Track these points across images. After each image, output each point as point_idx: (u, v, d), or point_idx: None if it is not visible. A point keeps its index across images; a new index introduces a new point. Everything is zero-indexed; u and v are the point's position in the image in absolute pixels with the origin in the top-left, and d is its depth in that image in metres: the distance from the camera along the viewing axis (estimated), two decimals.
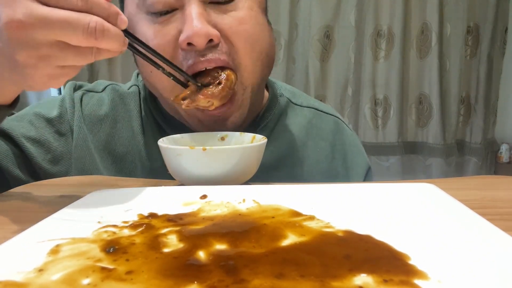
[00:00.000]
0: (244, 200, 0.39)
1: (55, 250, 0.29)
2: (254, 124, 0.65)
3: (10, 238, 0.30)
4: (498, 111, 2.43)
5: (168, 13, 0.52)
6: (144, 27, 0.54)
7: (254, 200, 0.39)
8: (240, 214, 0.36)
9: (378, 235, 0.30)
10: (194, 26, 0.49)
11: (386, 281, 0.23)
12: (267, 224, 0.34)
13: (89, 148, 0.61)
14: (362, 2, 2.28)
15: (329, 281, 0.23)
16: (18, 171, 0.57)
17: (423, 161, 2.44)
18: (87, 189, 0.43)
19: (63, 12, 0.34)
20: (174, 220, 0.35)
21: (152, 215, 0.36)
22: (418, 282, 0.23)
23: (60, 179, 0.56)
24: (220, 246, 0.29)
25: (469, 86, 2.39)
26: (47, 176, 0.58)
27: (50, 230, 0.32)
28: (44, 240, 0.30)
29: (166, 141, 0.51)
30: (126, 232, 0.32)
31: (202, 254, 0.28)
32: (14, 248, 0.29)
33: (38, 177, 0.58)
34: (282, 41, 2.28)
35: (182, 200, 0.40)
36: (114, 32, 0.36)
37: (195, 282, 0.24)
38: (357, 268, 0.25)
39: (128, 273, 0.25)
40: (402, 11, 2.28)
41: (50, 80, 0.38)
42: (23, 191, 0.49)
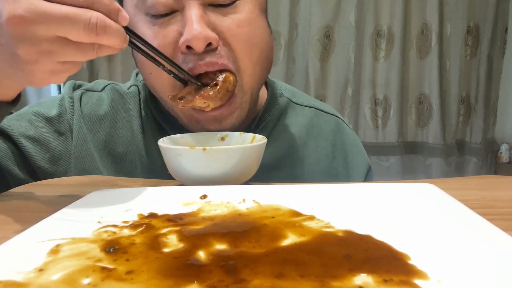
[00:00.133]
0: (244, 200, 0.39)
1: (55, 250, 0.29)
2: (254, 124, 0.65)
3: (10, 238, 0.30)
4: (498, 111, 2.43)
5: (167, 15, 0.52)
6: (143, 28, 0.54)
7: (254, 200, 0.39)
8: (240, 214, 0.36)
9: (378, 235, 0.30)
10: (194, 29, 0.49)
11: (386, 281, 0.23)
12: (267, 224, 0.34)
13: (88, 147, 0.61)
14: (362, 2, 2.28)
15: (329, 281, 0.23)
16: (17, 170, 0.57)
17: (423, 161, 2.44)
18: (87, 189, 0.43)
19: (65, 7, 0.34)
20: (174, 220, 0.35)
21: (152, 215, 0.36)
22: (418, 282, 0.23)
23: (59, 179, 0.56)
24: (220, 246, 0.29)
25: (469, 86, 2.39)
26: (46, 175, 0.58)
27: (50, 230, 0.32)
28: (44, 240, 0.30)
29: (166, 141, 0.51)
30: (126, 232, 0.32)
31: (202, 254, 0.28)
32: (14, 248, 0.29)
33: (37, 176, 0.58)
34: (282, 41, 2.28)
35: (182, 200, 0.40)
36: (115, 28, 0.36)
37: (195, 282, 0.24)
38: (357, 268, 0.25)
39: (128, 273, 0.25)
40: (402, 11, 2.28)
41: (51, 76, 0.38)
42: (23, 191, 0.49)
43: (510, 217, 0.37)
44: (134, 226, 0.34)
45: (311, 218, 0.35)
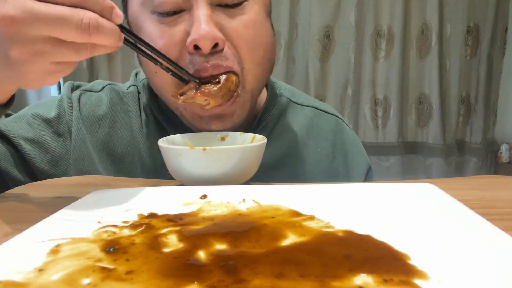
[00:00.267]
0: (244, 200, 0.39)
1: (55, 250, 0.29)
2: (254, 124, 0.65)
3: (10, 238, 0.30)
4: (498, 111, 2.43)
5: (175, 13, 0.52)
6: (150, 27, 0.53)
7: (254, 200, 0.39)
8: (240, 214, 0.36)
9: (378, 235, 0.30)
10: (202, 29, 0.49)
11: (386, 281, 0.23)
12: (267, 224, 0.34)
13: (87, 148, 0.61)
14: (362, 2, 2.28)
15: (329, 281, 0.23)
16: (16, 172, 0.57)
17: (423, 161, 2.44)
18: (87, 189, 0.43)
19: (56, 7, 0.34)
20: (174, 220, 0.35)
21: (152, 215, 0.36)
22: (418, 282, 0.23)
23: (59, 179, 0.56)
24: (220, 246, 0.29)
25: (469, 86, 2.39)
26: (46, 177, 0.58)
27: (50, 230, 0.32)
28: (44, 240, 0.30)
29: (166, 141, 0.51)
30: (126, 232, 0.32)
31: (202, 254, 0.28)
32: (14, 248, 0.29)
33: (36, 178, 0.58)
34: (282, 41, 2.28)
35: (182, 200, 0.40)
36: (108, 27, 0.36)
37: (195, 282, 0.24)
38: (357, 268, 0.25)
39: (128, 273, 0.25)
40: (402, 11, 2.28)
41: (46, 76, 0.38)
42: (23, 191, 0.49)
43: (510, 217, 0.37)
44: (134, 226, 0.34)
45: (311, 218, 0.35)
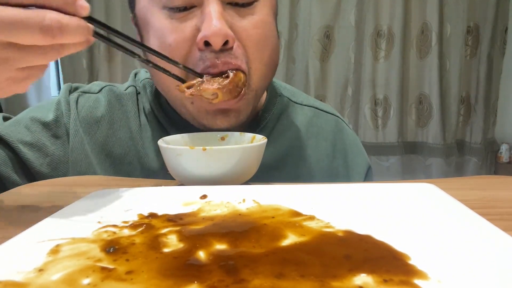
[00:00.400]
0: (244, 200, 0.39)
1: (55, 250, 0.29)
2: (254, 124, 0.65)
3: (10, 238, 0.30)
4: (498, 111, 2.43)
5: (186, 9, 0.52)
6: (160, 22, 0.53)
7: (254, 200, 0.39)
8: (240, 214, 0.36)
9: (378, 235, 0.30)
10: (213, 25, 0.49)
11: (386, 281, 0.23)
12: (267, 224, 0.34)
13: (85, 150, 0.61)
14: (362, 2, 2.28)
15: (329, 281, 0.23)
16: (15, 177, 0.56)
17: (423, 161, 2.44)
18: (87, 189, 0.43)
19: (13, 10, 0.31)
20: (174, 220, 0.35)
21: (152, 215, 0.36)
22: (418, 282, 0.23)
23: (59, 179, 0.56)
24: (220, 246, 0.29)
25: (469, 86, 2.39)
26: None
27: (50, 230, 0.32)
28: (44, 240, 0.30)
29: (166, 141, 0.51)
30: (126, 232, 0.32)
31: (202, 254, 0.28)
32: (14, 248, 0.29)
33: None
34: (282, 41, 2.28)
35: (182, 200, 0.40)
36: (73, 25, 0.33)
37: (195, 282, 0.24)
38: (357, 268, 0.25)
39: (128, 273, 0.25)
40: (402, 11, 2.28)
41: (13, 84, 0.36)
42: (23, 191, 0.49)
43: (510, 217, 0.37)
44: (134, 226, 0.34)
45: (311, 218, 0.35)
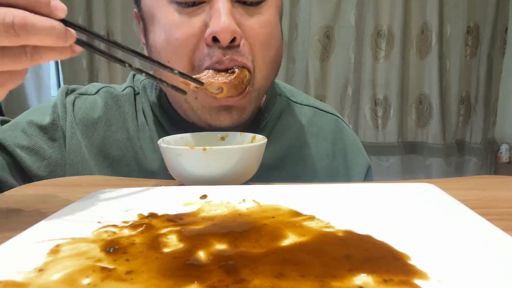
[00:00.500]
0: (244, 200, 0.39)
1: (55, 250, 0.29)
2: (254, 124, 0.65)
3: (10, 238, 0.30)
4: (498, 111, 2.43)
5: (195, 4, 0.52)
6: (167, 16, 0.53)
7: (254, 200, 0.39)
8: (240, 214, 0.36)
9: (378, 235, 0.30)
10: (222, 21, 0.49)
11: (386, 281, 0.23)
12: (267, 224, 0.34)
13: (82, 153, 0.61)
14: (362, 2, 2.28)
15: (329, 281, 0.23)
16: (13, 181, 0.56)
17: (423, 161, 2.44)
18: (87, 189, 0.43)
19: None
20: (174, 220, 0.35)
21: (152, 215, 0.36)
22: (418, 282, 0.23)
23: (59, 179, 0.56)
24: (220, 246, 0.29)
25: (469, 86, 2.39)
26: None
27: (50, 230, 0.32)
28: (44, 240, 0.30)
29: (166, 141, 0.51)
30: (126, 232, 0.32)
31: (202, 254, 0.28)
32: (14, 248, 0.29)
33: None
34: None
35: (182, 200, 0.40)
36: (42, 24, 0.31)
37: (195, 282, 0.24)
38: (357, 268, 0.25)
39: (128, 273, 0.25)
40: (402, 11, 2.28)
41: None
42: (23, 191, 0.49)
43: (510, 217, 0.37)
44: (134, 226, 0.34)
45: (311, 218, 0.35)
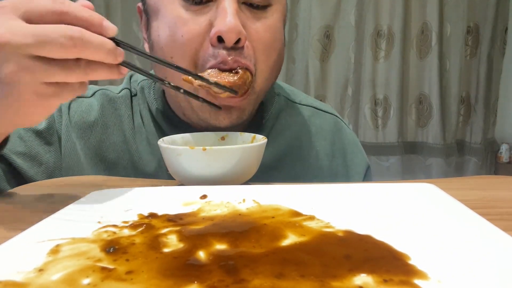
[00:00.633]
0: (244, 200, 0.39)
1: (55, 250, 0.29)
2: (253, 124, 0.65)
3: (10, 238, 0.30)
4: (498, 111, 2.43)
5: (202, 3, 0.52)
6: (173, 12, 0.53)
7: (254, 200, 0.39)
8: (240, 214, 0.36)
9: (378, 235, 0.30)
10: (228, 21, 0.49)
11: (386, 281, 0.23)
12: (267, 224, 0.34)
13: (78, 156, 0.61)
14: (362, 2, 2.28)
15: (329, 281, 0.23)
16: (9, 188, 0.56)
17: (423, 161, 2.44)
18: (87, 189, 0.43)
19: (40, 26, 0.34)
20: (174, 220, 0.35)
21: (152, 215, 0.36)
22: (418, 282, 0.23)
23: (59, 179, 0.56)
24: (220, 246, 0.29)
25: (469, 86, 2.39)
26: None
27: (50, 230, 0.32)
28: (44, 240, 0.30)
29: (166, 141, 0.51)
30: (126, 232, 0.32)
31: (202, 254, 0.28)
32: (14, 248, 0.29)
33: None
34: None
35: (182, 200, 0.40)
36: (97, 40, 0.35)
37: (195, 282, 0.24)
38: (357, 268, 0.25)
39: (128, 273, 0.25)
40: (402, 11, 2.28)
41: (39, 99, 0.37)
42: (23, 191, 0.49)
43: (510, 217, 0.37)
44: (134, 226, 0.34)
45: (311, 218, 0.35)
